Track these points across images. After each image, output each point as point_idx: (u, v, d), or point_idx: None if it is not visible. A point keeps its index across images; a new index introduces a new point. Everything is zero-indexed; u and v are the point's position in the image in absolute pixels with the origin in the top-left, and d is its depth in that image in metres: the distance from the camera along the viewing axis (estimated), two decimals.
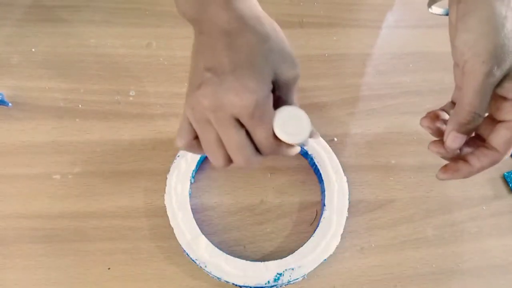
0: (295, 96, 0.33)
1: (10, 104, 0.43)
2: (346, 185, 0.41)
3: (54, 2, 0.48)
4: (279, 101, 0.32)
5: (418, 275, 0.41)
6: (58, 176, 0.41)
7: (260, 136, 0.30)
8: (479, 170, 0.34)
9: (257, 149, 0.31)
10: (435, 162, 0.45)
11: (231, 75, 0.30)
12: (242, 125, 0.30)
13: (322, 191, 0.41)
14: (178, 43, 0.47)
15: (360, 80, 0.48)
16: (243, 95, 0.29)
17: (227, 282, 0.37)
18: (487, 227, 0.43)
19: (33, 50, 0.45)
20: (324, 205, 0.40)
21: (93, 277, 0.38)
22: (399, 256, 0.41)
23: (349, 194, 0.41)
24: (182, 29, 0.47)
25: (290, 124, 0.30)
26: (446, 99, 0.50)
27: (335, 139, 0.44)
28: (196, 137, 0.32)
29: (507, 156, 0.33)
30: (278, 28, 0.32)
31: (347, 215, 0.40)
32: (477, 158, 0.34)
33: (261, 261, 0.38)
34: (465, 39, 0.32)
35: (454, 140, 0.34)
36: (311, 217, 0.41)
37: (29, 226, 0.39)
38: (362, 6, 0.53)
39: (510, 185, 0.45)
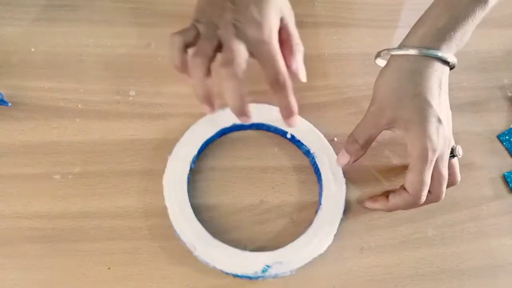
0: (294, 25, 0.40)
1: (9, 104, 0.42)
2: (344, 186, 0.41)
3: (54, 2, 0.48)
4: (285, 31, 0.39)
5: (418, 275, 0.41)
6: (58, 176, 0.41)
7: (269, 64, 0.36)
8: (391, 207, 0.39)
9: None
10: None
11: (251, 8, 0.36)
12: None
13: (320, 191, 0.41)
14: None
15: (360, 80, 0.48)
16: (262, 30, 0.35)
17: (215, 267, 0.37)
18: (487, 227, 0.43)
19: (33, 49, 0.45)
20: (321, 204, 0.40)
21: (93, 277, 0.38)
22: (399, 256, 0.41)
23: (348, 194, 0.41)
24: (180, 29, 0.47)
25: None
26: None
27: (335, 139, 0.44)
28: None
29: (419, 198, 0.37)
30: None
31: (342, 217, 0.40)
32: (393, 196, 0.39)
33: (252, 251, 0.38)
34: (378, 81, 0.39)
35: (341, 156, 0.40)
36: (311, 217, 0.41)
37: (29, 226, 0.39)
38: (362, 6, 0.53)
39: (510, 185, 0.45)
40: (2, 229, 0.39)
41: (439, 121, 0.36)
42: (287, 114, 0.37)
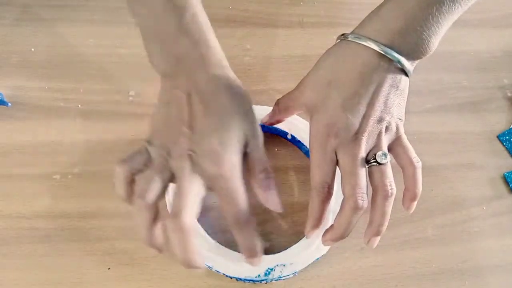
0: (262, 150, 0.34)
1: (9, 104, 0.42)
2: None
3: (54, 2, 0.48)
4: (248, 157, 0.33)
5: (418, 275, 0.41)
6: (58, 176, 0.41)
7: (227, 205, 0.32)
8: (327, 239, 0.35)
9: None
10: (435, 162, 0.45)
11: (210, 137, 0.31)
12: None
13: None
14: None
15: None
16: (221, 164, 0.31)
17: (218, 272, 0.37)
18: (487, 227, 0.43)
19: (33, 50, 0.45)
20: None
21: (93, 277, 0.38)
22: (399, 256, 0.41)
23: None
24: None
25: None
26: (445, 99, 0.50)
27: None
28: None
29: (341, 236, 0.34)
30: (246, 91, 0.34)
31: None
32: (329, 230, 0.35)
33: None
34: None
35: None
36: None
37: (29, 226, 0.39)
38: (362, 5, 0.53)
39: (510, 185, 0.45)
40: (2, 229, 0.39)
41: (341, 119, 0.33)
42: (249, 255, 0.33)
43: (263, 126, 0.43)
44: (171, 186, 0.39)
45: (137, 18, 0.34)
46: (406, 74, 0.35)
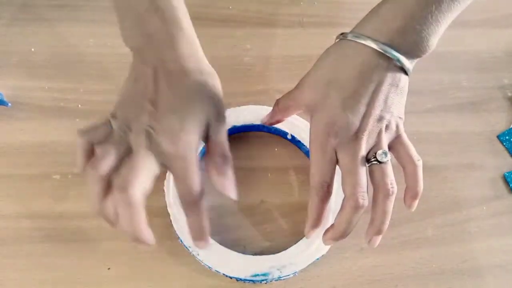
0: (224, 135, 0.34)
1: (9, 104, 0.43)
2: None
3: (54, 2, 0.48)
4: (208, 140, 0.33)
5: (418, 275, 0.41)
6: (57, 176, 0.41)
7: (180, 183, 0.32)
8: (328, 239, 0.35)
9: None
10: (435, 162, 0.45)
11: (171, 116, 0.31)
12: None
13: None
14: None
15: None
16: (178, 144, 0.31)
17: (218, 272, 0.37)
18: (487, 227, 0.43)
19: (33, 50, 0.45)
20: None
21: (93, 277, 0.38)
22: (399, 256, 0.41)
23: None
24: None
25: None
26: (445, 99, 0.50)
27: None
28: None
29: (342, 235, 0.34)
30: (215, 75, 0.34)
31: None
32: (330, 229, 0.35)
33: (254, 255, 0.38)
34: None
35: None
36: None
37: (29, 226, 0.39)
38: (362, 5, 0.52)
39: (511, 185, 0.45)
40: (2, 229, 0.39)
41: (341, 118, 0.33)
42: (196, 236, 0.33)
43: (263, 126, 0.43)
44: (171, 183, 0.39)
45: None
46: (406, 73, 0.34)
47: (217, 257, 0.37)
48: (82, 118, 0.43)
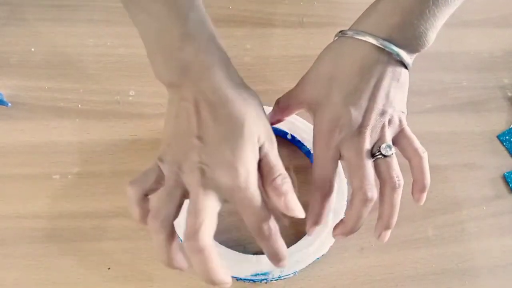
0: (277, 155, 0.33)
1: (9, 104, 0.43)
2: (346, 186, 0.41)
3: (54, 2, 0.48)
4: (264, 163, 0.32)
5: (418, 275, 0.41)
6: (57, 176, 0.41)
7: (247, 214, 0.30)
8: (338, 234, 0.35)
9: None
10: (434, 162, 0.45)
11: (221, 147, 0.29)
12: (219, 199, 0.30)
13: None
14: None
15: None
16: (236, 175, 0.29)
17: None
18: (487, 227, 0.43)
19: (33, 50, 0.45)
20: None
21: (93, 277, 0.38)
22: (399, 256, 0.41)
23: (348, 194, 0.41)
24: None
25: None
26: (446, 99, 0.50)
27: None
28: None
29: (352, 230, 0.34)
30: (255, 94, 0.33)
31: (344, 216, 0.40)
32: (340, 224, 0.35)
33: (254, 254, 0.38)
34: None
35: None
36: None
37: (28, 226, 0.39)
38: (362, 5, 0.52)
39: (511, 185, 0.45)
40: (2, 229, 0.39)
41: (344, 114, 0.33)
42: (276, 260, 0.31)
43: None
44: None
45: (139, 26, 0.32)
46: (406, 67, 0.35)
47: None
48: (82, 118, 0.43)
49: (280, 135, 0.44)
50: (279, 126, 0.42)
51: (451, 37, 0.51)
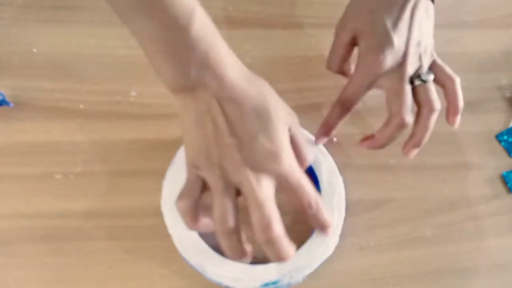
0: (302, 134, 0.37)
1: (11, 104, 0.43)
2: (342, 185, 0.41)
3: (55, 3, 0.48)
4: (293, 143, 0.33)
5: (417, 274, 0.41)
6: (59, 176, 0.41)
7: (307, 194, 0.31)
8: (365, 145, 0.40)
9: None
10: (434, 162, 0.45)
11: (259, 140, 0.30)
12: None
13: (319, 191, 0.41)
14: None
15: None
16: (281, 162, 0.30)
17: (227, 287, 0.37)
18: (485, 227, 0.44)
19: (34, 50, 0.45)
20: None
21: (94, 276, 0.38)
22: (398, 255, 0.42)
23: (347, 194, 0.41)
24: None
25: None
26: (444, 99, 0.50)
27: (334, 139, 0.44)
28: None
29: (380, 146, 0.38)
30: (263, 80, 0.34)
31: (344, 216, 0.40)
32: (369, 138, 0.39)
33: (261, 263, 0.37)
34: None
35: None
36: None
37: (30, 225, 0.39)
38: None
39: (509, 184, 0.45)
40: (4, 229, 0.39)
41: (389, 42, 0.36)
42: (324, 230, 0.33)
43: None
44: (166, 186, 0.38)
45: (138, 35, 0.31)
46: (432, 1, 0.39)
47: (224, 272, 0.36)
48: (84, 118, 0.43)
49: None
50: None
51: (449, 37, 0.51)
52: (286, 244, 0.30)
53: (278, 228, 0.29)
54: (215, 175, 0.30)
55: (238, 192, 0.31)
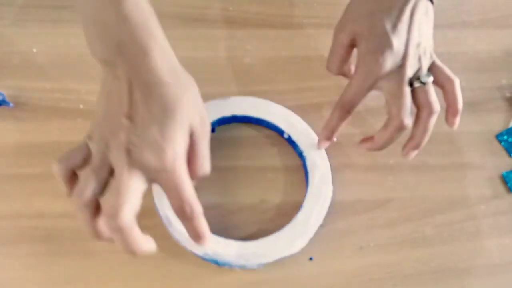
0: (207, 147, 0.33)
1: (11, 104, 0.43)
2: (330, 194, 0.41)
3: (55, 3, 0.48)
4: (192, 150, 0.32)
5: (416, 274, 0.41)
6: None
7: (174, 195, 0.31)
8: (365, 146, 0.40)
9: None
10: (433, 162, 0.45)
11: (150, 128, 0.30)
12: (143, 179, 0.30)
13: (306, 193, 0.41)
14: (177, 44, 0.47)
15: None
16: (163, 156, 0.29)
17: (185, 247, 0.38)
18: (485, 227, 0.44)
19: (35, 50, 0.46)
20: (302, 206, 0.40)
21: (95, 276, 0.38)
22: (397, 255, 0.42)
23: (347, 194, 0.41)
24: (181, 30, 0.47)
25: None
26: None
27: (335, 139, 0.44)
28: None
29: (379, 148, 0.39)
30: (193, 81, 0.33)
31: (321, 223, 0.40)
32: (370, 140, 0.40)
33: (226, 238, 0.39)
34: None
35: None
36: None
37: (30, 225, 0.39)
38: None
39: (509, 184, 0.45)
40: (3, 229, 0.39)
41: (389, 45, 0.36)
42: (197, 239, 0.32)
43: (260, 120, 0.43)
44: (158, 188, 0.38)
45: (78, 3, 0.32)
46: (432, 1, 0.38)
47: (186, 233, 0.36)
48: (84, 118, 0.43)
49: (278, 133, 0.44)
50: (277, 124, 0.43)
51: (449, 37, 0.51)
52: (129, 234, 0.29)
53: (124, 218, 0.28)
54: (98, 149, 0.30)
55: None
